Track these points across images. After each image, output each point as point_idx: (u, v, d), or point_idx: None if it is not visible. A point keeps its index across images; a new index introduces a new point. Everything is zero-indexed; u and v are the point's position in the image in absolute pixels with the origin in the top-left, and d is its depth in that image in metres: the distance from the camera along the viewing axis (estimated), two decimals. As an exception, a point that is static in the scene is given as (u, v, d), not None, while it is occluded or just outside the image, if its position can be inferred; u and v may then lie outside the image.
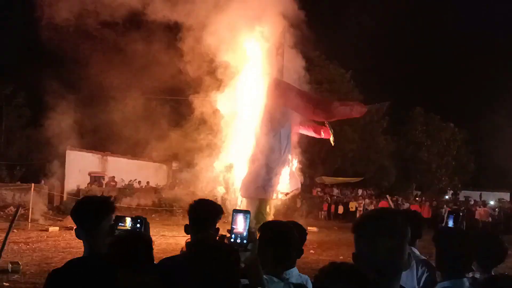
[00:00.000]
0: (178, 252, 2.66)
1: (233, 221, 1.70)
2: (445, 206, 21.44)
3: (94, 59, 16.81)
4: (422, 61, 30.13)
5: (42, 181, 18.24)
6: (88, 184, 20.85)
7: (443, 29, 30.09)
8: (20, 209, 7.45)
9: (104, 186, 21.09)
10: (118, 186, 20.82)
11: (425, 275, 2.93)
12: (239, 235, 1.68)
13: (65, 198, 19.14)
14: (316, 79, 12.72)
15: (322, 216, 21.89)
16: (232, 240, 1.66)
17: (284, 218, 14.83)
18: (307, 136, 13.98)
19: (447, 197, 29.81)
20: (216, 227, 2.49)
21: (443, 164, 31.39)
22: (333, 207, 22.42)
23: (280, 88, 11.62)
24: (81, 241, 2.13)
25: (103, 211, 2.15)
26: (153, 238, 2.26)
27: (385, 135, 28.09)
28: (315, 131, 13.69)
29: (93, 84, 16.84)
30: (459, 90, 30.61)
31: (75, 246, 11.21)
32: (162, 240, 12.99)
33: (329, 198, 23.36)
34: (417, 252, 3.09)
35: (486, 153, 31.70)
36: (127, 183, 20.60)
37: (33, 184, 14.61)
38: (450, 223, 3.49)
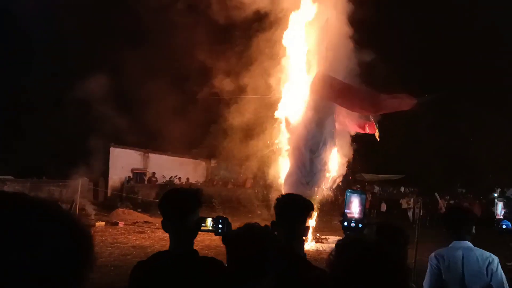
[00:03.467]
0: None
1: (346, 204, 1.59)
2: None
3: (134, 55, 17.17)
4: (468, 53, 28.64)
5: (87, 178, 18.79)
6: (130, 180, 21.31)
7: (498, 15, 28.29)
8: (73, 204, 7.58)
9: (145, 182, 21.49)
10: (159, 182, 21.14)
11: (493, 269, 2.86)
12: (353, 219, 1.57)
13: (109, 194, 19.64)
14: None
15: (372, 214, 21.19)
16: (345, 224, 1.55)
17: (326, 215, 14.53)
18: (348, 131, 13.56)
19: (495, 194, 28.30)
20: (307, 225, 2.30)
21: (491, 160, 29.82)
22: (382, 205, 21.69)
23: (325, 82, 11.27)
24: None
25: (191, 204, 2.05)
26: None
27: (429, 130, 26.98)
28: (359, 126, 13.25)
29: (136, 83, 17.14)
30: (508, 83, 28.83)
31: (121, 242, 11.41)
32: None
33: (370, 195, 22.70)
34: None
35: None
36: (168, 179, 20.88)
37: (80, 180, 15.04)
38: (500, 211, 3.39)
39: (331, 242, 11.83)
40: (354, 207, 1.58)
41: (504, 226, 3.21)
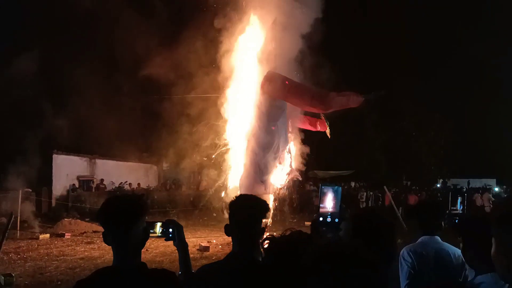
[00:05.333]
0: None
1: (320, 199, 1.51)
2: (438, 194, 21.58)
3: (77, 56, 16.29)
4: (408, 52, 30.31)
5: (29, 188, 17.62)
6: (76, 188, 20.25)
7: (430, 17, 30.26)
8: (13, 217, 7.00)
9: (93, 190, 20.52)
10: (108, 189, 20.26)
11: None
12: (328, 214, 1.49)
13: (53, 204, 18.55)
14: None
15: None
16: (321, 219, 1.46)
17: (280, 213, 14.63)
18: (299, 129, 13.73)
19: (438, 185, 30.11)
20: (262, 226, 2.19)
21: (432, 153, 31.67)
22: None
23: (275, 80, 11.32)
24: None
25: (134, 211, 1.84)
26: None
27: (375, 127, 28.15)
28: (311, 124, 13.49)
29: (78, 85, 16.28)
30: (445, 80, 30.93)
31: (68, 254, 10.75)
32: (159, 243, 12.59)
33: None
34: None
35: (471, 142, 32.24)
36: (117, 186, 20.06)
37: (20, 190, 14.07)
38: (459, 206, 3.35)
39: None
40: (328, 201, 1.51)
41: (456, 221, 3.27)
